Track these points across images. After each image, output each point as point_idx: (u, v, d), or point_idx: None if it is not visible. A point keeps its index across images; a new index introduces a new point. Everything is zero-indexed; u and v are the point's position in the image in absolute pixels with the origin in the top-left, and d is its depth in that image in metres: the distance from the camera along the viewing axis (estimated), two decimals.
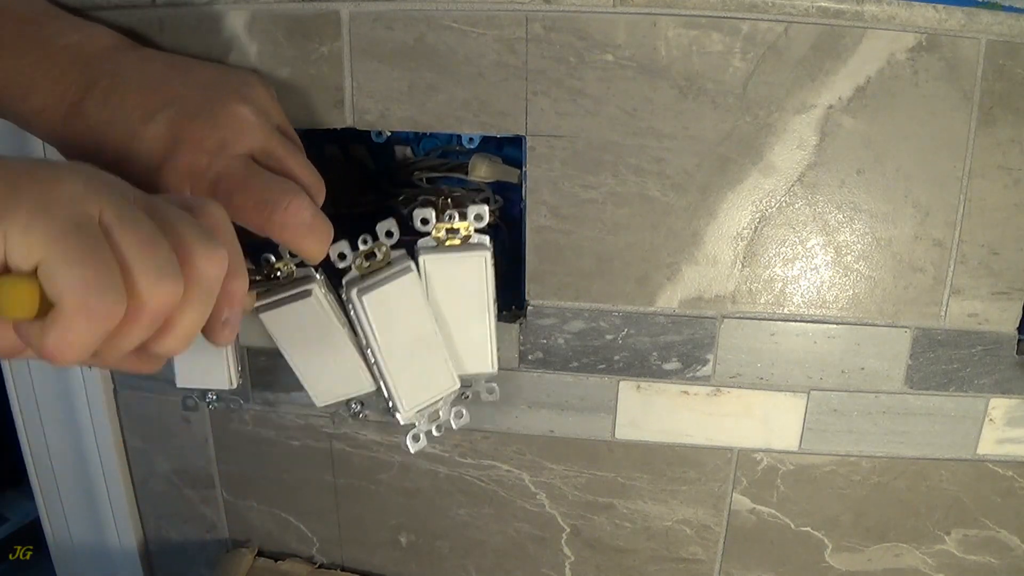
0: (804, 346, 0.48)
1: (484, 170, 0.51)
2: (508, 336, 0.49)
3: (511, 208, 0.52)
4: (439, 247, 0.43)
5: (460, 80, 0.44)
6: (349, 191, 0.56)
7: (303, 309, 0.41)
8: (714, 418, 0.50)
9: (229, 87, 0.40)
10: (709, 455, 0.51)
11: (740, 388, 0.49)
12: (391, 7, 0.43)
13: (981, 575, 0.53)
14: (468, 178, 0.51)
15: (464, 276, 0.43)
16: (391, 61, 0.44)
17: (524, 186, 0.46)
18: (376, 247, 0.42)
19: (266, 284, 0.41)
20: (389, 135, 0.54)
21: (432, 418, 0.47)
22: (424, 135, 0.54)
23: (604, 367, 0.50)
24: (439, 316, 0.44)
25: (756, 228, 0.45)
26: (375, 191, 0.55)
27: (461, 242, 0.43)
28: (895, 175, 0.44)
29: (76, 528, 0.64)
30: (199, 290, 0.28)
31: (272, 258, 0.41)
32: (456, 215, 0.42)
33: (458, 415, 0.47)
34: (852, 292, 0.46)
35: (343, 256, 0.41)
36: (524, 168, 0.46)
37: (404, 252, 0.43)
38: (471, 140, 0.49)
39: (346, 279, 0.42)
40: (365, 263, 0.42)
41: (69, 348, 0.25)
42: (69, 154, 0.39)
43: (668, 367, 0.49)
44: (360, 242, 0.42)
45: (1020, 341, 0.47)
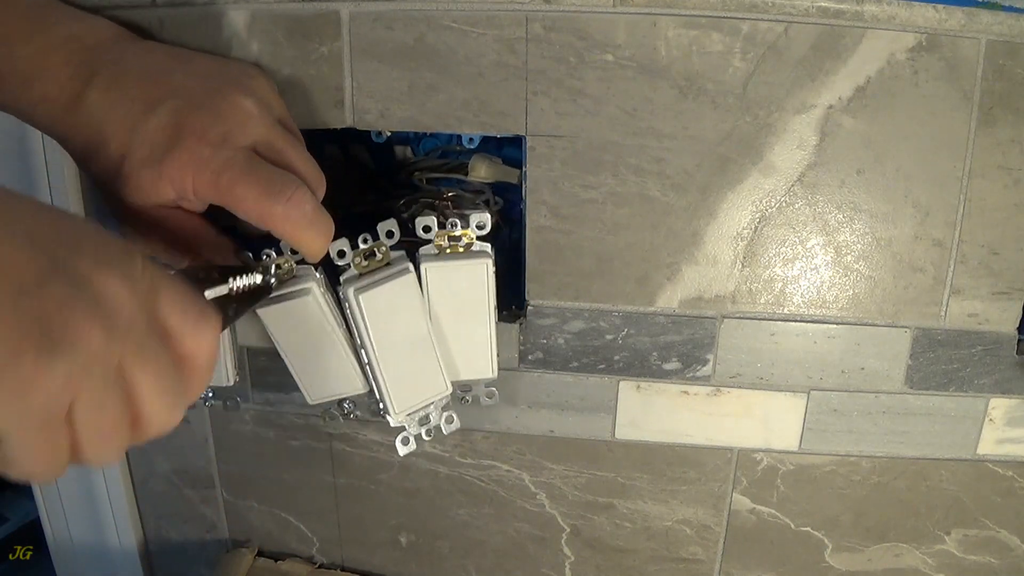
0: (804, 346, 0.48)
1: (484, 171, 0.51)
2: (508, 336, 0.49)
3: (511, 208, 0.52)
4: (441, 255, 0.43)
5: (460, 80, 0.44)
6: (349, 191, 0.56)
7: (301, 307, 0.42)
8: (714, 418, 0.50)
9: (231, 78, 0.39)
10: (709, 455, 0.51)
11: (740, 388, 0.49)
12: (391, 7, 0.43)
13: (981, 575, 0.53)
14: (468, 179, 0.51)
15: (466, 284, 0.43)
16: (391, 61, 0.44)
17: (524, 186, 0.46)
18: (376, 247, 0.42)
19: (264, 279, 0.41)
20: (389, 135, 0.54)
21: (423, 422, 0.47)
22: (424, 135, 0.54)
23: (604, 367, 0.50)
24: (441, 323, 0.44)
25: (756, 228, 0.45)
26: (375, 191, 0.55)
27: (463, 250, 0.43)
28: (895, 175, 0.44)
29: (76, 528, 0.64)
30: (141, 440, 0.29)
31: (272, 254, 0.41)
32: (458, 223, 0.42)
33: (449, 420, 0.47)
34: (852, 292, 0.46)
35: (342, 254, 0.41)
36: (524, 168, 0.46)
37: (403, 253, 0.43)
38: (471, 140, 0.49)
39: (344, 277, 0.42)
40: (364, 262, 0.42)
41: (13, 478, 0.27)
42: (70, 147, 0.39)
43: (668, 367, 0.49)
44: (360, 241, 0.42)
45: (1020, 341, 0.47)
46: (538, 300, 0.49)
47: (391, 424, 0.46)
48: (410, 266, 0.42)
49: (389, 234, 0.42)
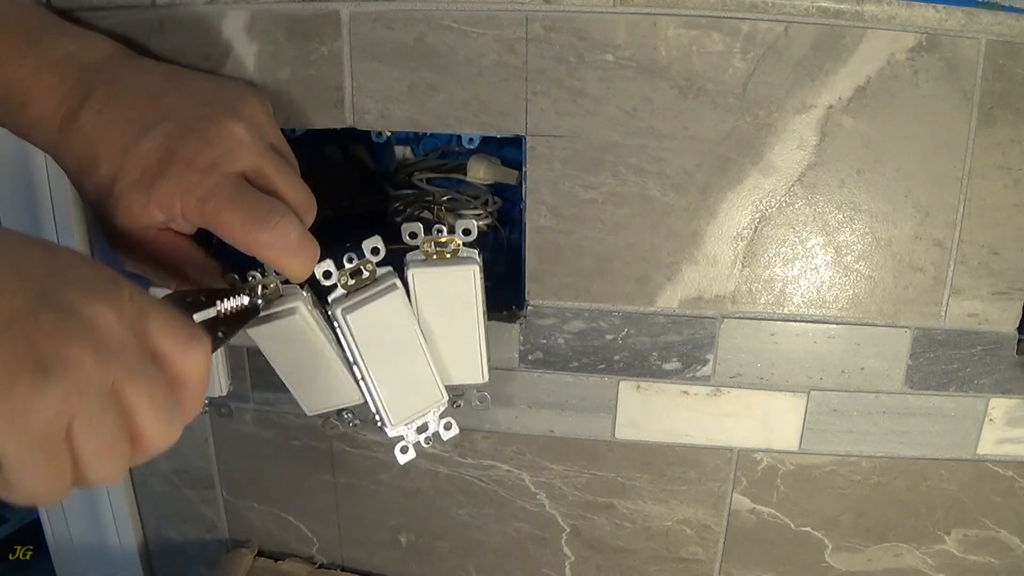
0: (804, 346, 0.48)
1: (483, 171, 0.51)
2: (508, 336, 0.49)
3: (511, 209, 0.52)
4: (428, 260, 0.43)
5: (460, 80, 0.44)
6: (349, 191, 0.56)
7: (289, 326, 0.42)
8: (714, 418, 0.50)
9: (224, 102, 0.39)
10: (709, 455, 0.51)
11: (740, 388, 0.49)
12: (391, 7, 0.43)
13: (981, 575, 0.53)
14: (467, 179, 0.51)
15: (453, 289, 0.43)
16: (391, 61, 0.44)
17: (524, 186, 0.46)
18: (362, 265, 0.42)
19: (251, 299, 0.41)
20: (389, 135, 0.54)
21: (420, 430, 0.47)
22: (424, 135, 0.54)
23: (604, 367, 0.50)
24: (429, 329, 0.44)
25: (756, 228, 0.45)
26: (375, 191, 0.55)
27: (450, 256, 0.43)
28: (895, 175, 0.44)
29: (76, 528, 0.64)
30: (142, 459, 0.30)
31: (258, 275, 0.41)
32: (444, 229, 0.42)
33: (447, 426, 0.47)
34: (852, 292, 0.46)
35: (328, 275, 0.41)
36: (524, 168, 0.46)
37: (390, 269, 0.43)
38: (471, 140, 0.49)
39: (332, 297, 0.42)
40: (351, 280, 0.42)
41: (18, 503, 0.27)
42: (65, 165, 0.39)
43: (668, 367, 0.49)
44: (345, 260, 0.41)
45: (1020, 341, 0.47)
46: (538, 300, 0.48)
47: (388, 435, 0.46)
48: (397, 282, 0.42)
49: (375, 251, 0.41)
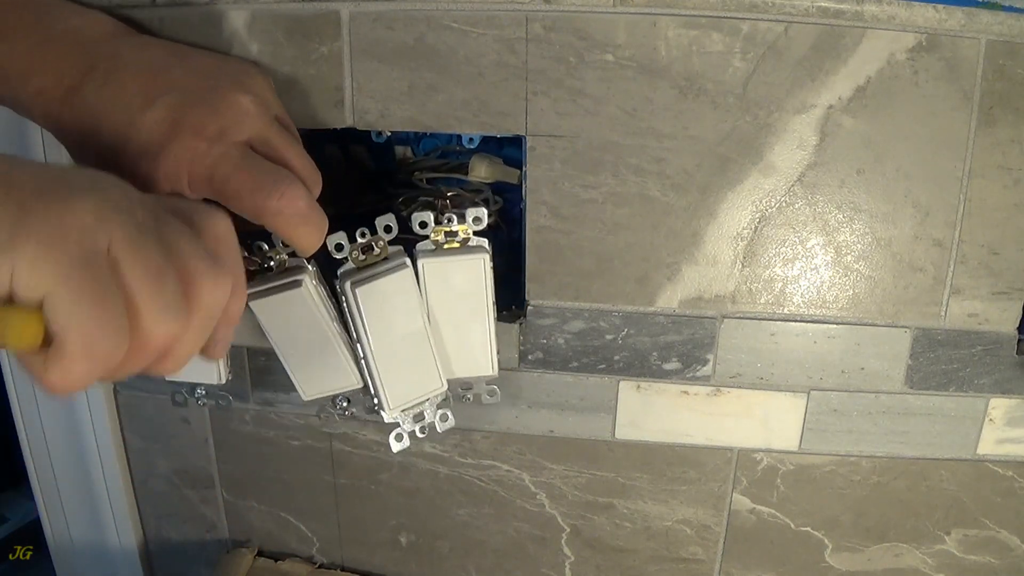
0: (804, 346, 0.48)
1: (484, 171, 0.51)
2: (508, 336, 0.49)
3: (511, 208, 0.52)
4: (438, 250, 0.43)
5: (460, 80, 0.44)
6: (349, 191, 0.56)
7: (292, 299, 0.41)
8: (714, 418, 0.50)
9: (229, 76, 0.39)
10: (709, 455, 0.51)
11: (740, 388, 0.49)
12: (391, 7, 0.43)
13: (981, 575, 0.53)
14: (468, 178, 0.51)
15: (463, 279, 0.43)
16: (391, 61, 0.44)
17: (524, 186, 0.46)
18: (373, 241, 0.42)
19: (258, 272, 0.41)
20: (389, 135, 0.54)
21: (417, 419, 0.46)
22: (424, 135, 0.54)
23: (604, 367, 0.50)
24: (438, 319, 0.44)
25: (756, 228, 0.45)
26: (375, 191, 0.55)
27: (460, 245, 0.43)
28: (895, 175, 0.44)
29: (76, 528, 0.64)
30: (201, 318, 0.29)
31: (265, 246, 0.41)
32: (455, 218, 0.42)
33: (443, 418, 0.47)
34: (852, 292, 0.46)
35: (340, 247, 0.41)
36: (524, 168, 0.46)
37: (401, 248, 0.43)
38: (471, 140, 0.49)
39: (341, 270, 0.42)
40: (361, 256, 0.42)
41: (70, 384, 0.25)
42: (66, 139, 0.39)
43: (668, 367, 0.49)
44: (358, 235, 0.42)
45: (1020, 341, 0.47)
46: (538, 300, 0.48)
47: (385, 420, 0.46)
48: (407, 260, 0.42)
49: (387, 228, 0.42)
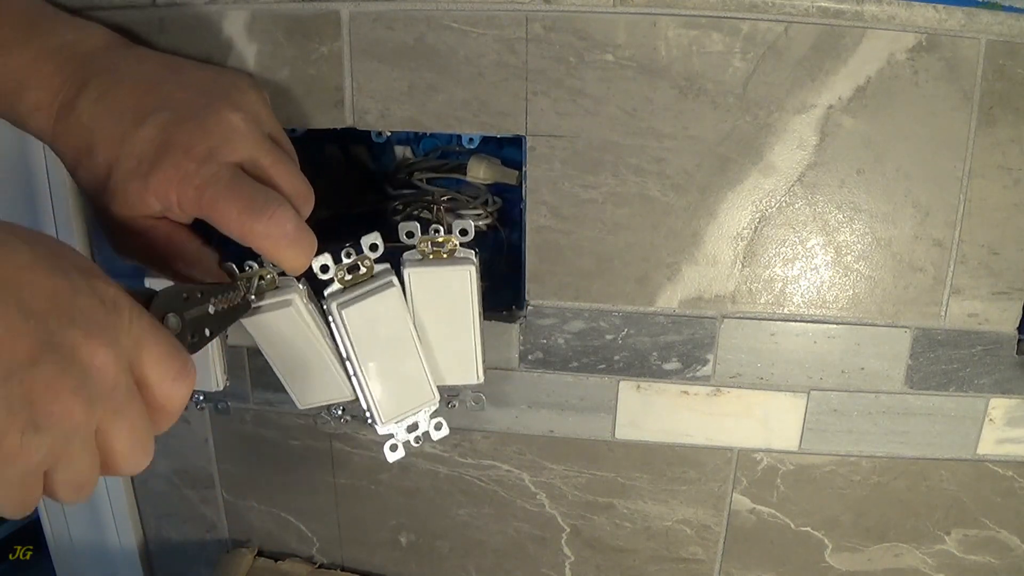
0: (804, 346, 0.48)
1: (483, 172, 0.51)
2: (508, 336, 0.49)
3: (511, 209, 0.52)
4: (424, 260, 0.43)
5: (460, 80, 0.44)
6: (349, 191, 0.56)
7: (283, 318, 0.41)
8: (714, 418, 0.50)
9: (222, 92, 0.39)
10: (709, 455, 0.51)
11: (740, 388, 0.49)
12: (391, 7, 0.43)
13: (981, 575, 0.53)
14: (467, 179, 0.51)
15: (449, 290, 0.43)
16: (391, 61, 0.44)
17: (524, 186, 0.46)
18: (359, 260, 0.42)
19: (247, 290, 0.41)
20: (389, 135, 0.54)
21: (411, 429, 0.47)
22: (424, 135, 0.54)
23: (604, 367, 0.50)
24: (424, 328, 0.44)
25: (756, 228, 0.45)
26: (375, 191, 0.55)
27: (447, 255, 0.43)
28: (895, 175, 0.44)
29: (76, 528, 0.64)
30: (113, 475, 0.30)
31: (255, 265, 0.41)
32: (441, 229, 0.42)
33: (437, 427, 0.47)
34: (852, 292, 0.46)
35: (325, 268, 0.41)
36: (524, 168, 0.46)
37: (388, 266, 0.43)
38: (471, 140, 0.49)
39: (328, 291, 0.42)
40: (348, 276, 0.42)
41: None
42: (62, 154, 0.39)
43: (668, 367, 0.49)
44: (343, 255, 0.41)
45: (1020, 341, 0.47)
46: (538, 300, 0.48)
47: (378, 432, 0.46)
48: (394, 279, 0.42)
49: (373, 247, 0.41)
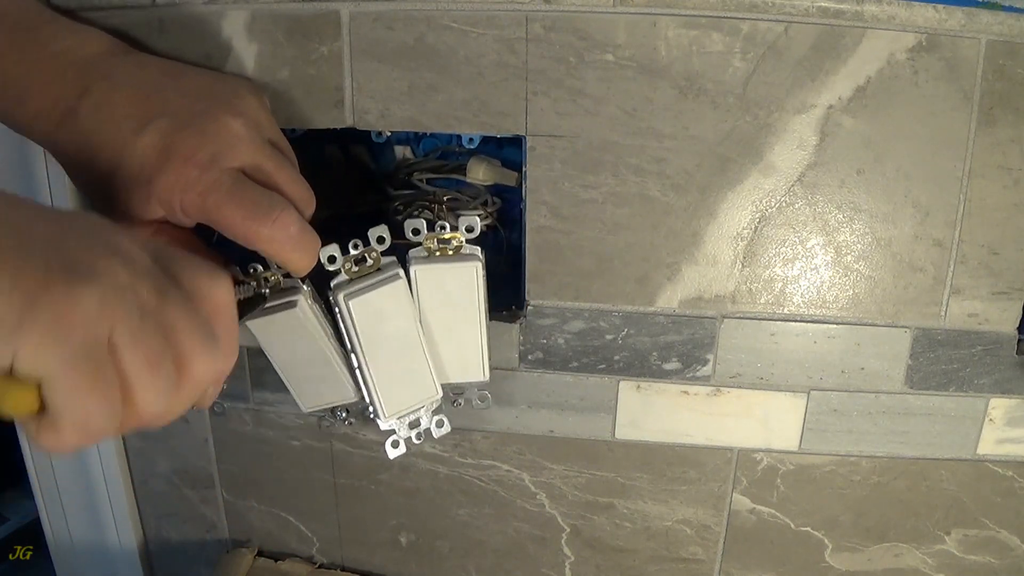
0: (804, 346, 0.48)
1: (482, 173, 0.51)
2: (508, 336, 0.49)
3: (510, 209, 0.52)
4: (430, 257, 0.43)
5: (460, 80, 0.44)
6: (349, 191, 0.56)
7: (288, 320, 0.42)
8: (714, 418, 0.50)
9: (222, 98, 0.39)
10: (709, 455, 0.51)
11: (740, 388, 0.49)
12: (391, 7, 0.43)
13: (981, 575, 0.53)
14: (467, 180, 0.51)
15: (455, 286, 0.43)
16: (391, 61, 0.44)
17: (524, 186, 0.46)
18: (367, 252, 0.42)
19: (252, 292, 0.41)
20: (389, 135, 0.54)
21: (413, 425, 0.47)
22: (424, 135, 0.54)
23: (604, 367, 0.50)
24: (430, 325, 0.44)
25: (756, 228, 0.45)
26: (375, 191, 0.55)
27: (453, 252, 0.43)
28: (895, 175, 0.44)
29: (76, 528, 0.64)
30: (192, 390, 0.30)
31: (260, 267, 0.41)
32: (447, 226, 0.42)
33: (439, 424, 0.47)
34: (852, 292, 0.46)
35: (333, 259, 0.41)
36: (524, 168, 0.46)
37: (394, 259, 0.43)
38: (471, 140, 0.49)
39: (334, 282, 0.42)
40: (354, 268, 0.42)
41: (60, 449, 0.27)
42: (64, 161, 0.39)
43: (668, 367, 0.49)
44: (351, 246, 0.42)
45: (1020, 341, 0.47)
46: (538, 300, 0.48)
47: (381, 427, 0.46)
48: (401, 271, 0.42)
49: (380, 240, 0.42)
